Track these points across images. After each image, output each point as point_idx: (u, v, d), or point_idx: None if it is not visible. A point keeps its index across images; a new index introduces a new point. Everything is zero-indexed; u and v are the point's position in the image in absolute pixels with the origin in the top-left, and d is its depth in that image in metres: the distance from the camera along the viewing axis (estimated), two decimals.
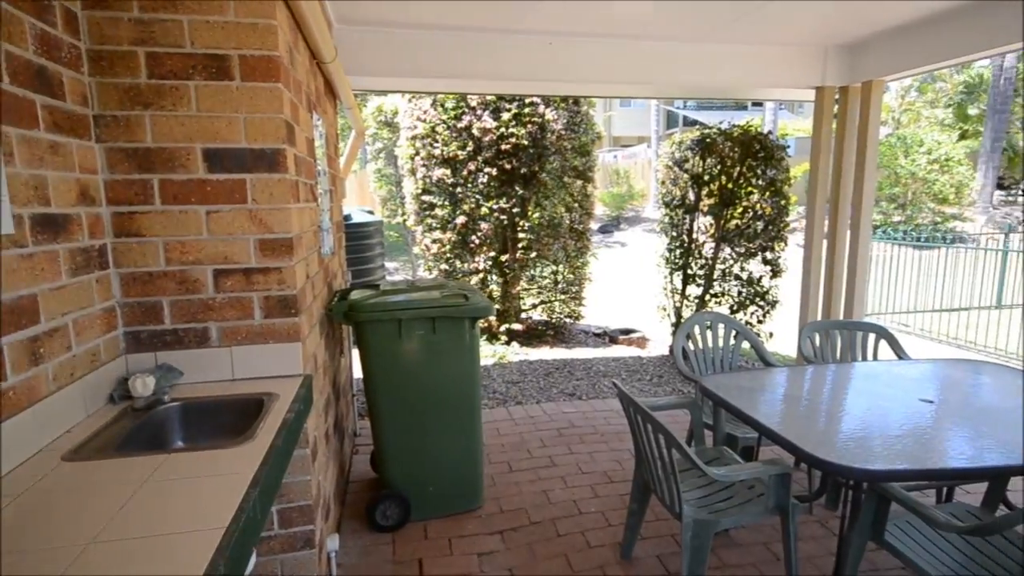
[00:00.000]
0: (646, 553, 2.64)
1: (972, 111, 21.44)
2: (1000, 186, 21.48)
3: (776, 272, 5.32)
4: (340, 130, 4.46)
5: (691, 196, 5.48)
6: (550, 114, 5.72)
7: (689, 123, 24.15)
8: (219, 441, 1.53)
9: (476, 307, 2.77)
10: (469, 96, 5.68)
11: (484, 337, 6.17)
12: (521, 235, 5.94)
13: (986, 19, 3.28)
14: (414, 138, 6.03)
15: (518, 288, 6.30)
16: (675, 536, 2.74)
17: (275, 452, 1.44)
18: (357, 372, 3.33)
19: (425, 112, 5.91)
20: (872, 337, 3.37)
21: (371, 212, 7.29)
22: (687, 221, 5.56)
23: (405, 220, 8.41)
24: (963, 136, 20.36)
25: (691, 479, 2.41)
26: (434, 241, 6.12)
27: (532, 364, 5.60)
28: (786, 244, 5.39)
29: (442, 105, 5.83)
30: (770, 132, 5.50)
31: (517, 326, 6.23)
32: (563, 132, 5.88)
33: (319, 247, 2.61)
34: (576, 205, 6.34)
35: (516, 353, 5.91)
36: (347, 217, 5.91)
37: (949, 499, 2.85)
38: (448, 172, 5.91)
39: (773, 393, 2.56)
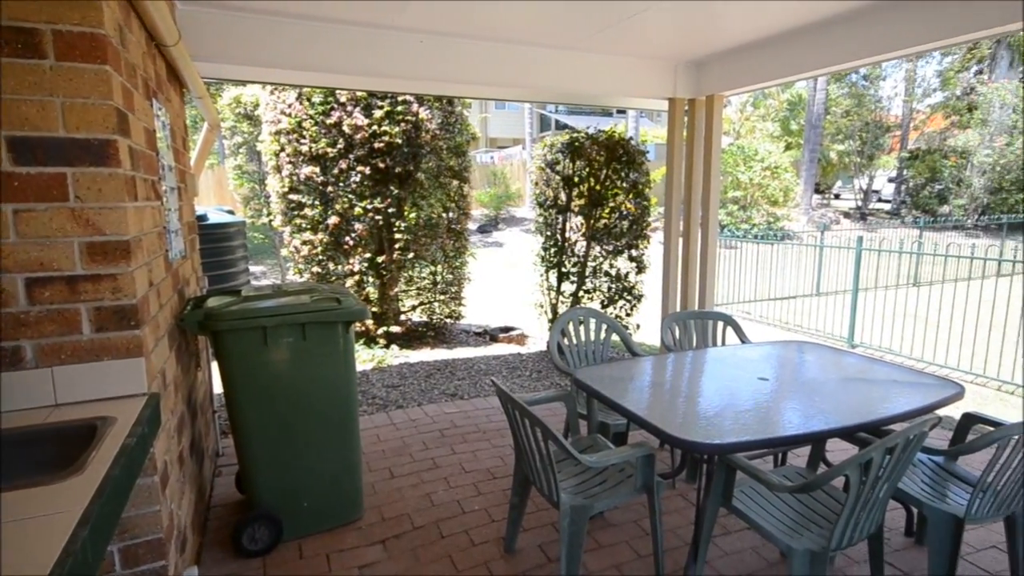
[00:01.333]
0: (528, 544, 2.71)
1: (794, 126, 24.80)
2: (817, 191, 25.04)
3: (641, 268, 5.74)
4: (192, 122, 4.04)
5: (563, 197, 5.73)
6: (424, 113, 5.66)
7: (561, 127, 25.30)
8: (39, 478, 1.31)
9: (350, 311, 2.66)
10: (338, 91, 5.44)
11: (361, 341, 5.95)
12: (398, 236, 5.82)
13: (805, 46, 3.79)
14: (278, 133, 5.65)
15: (396, 290, 6.16)
16: (555, 524, 2.85)
17: (112, 483, 1.27)
18: (218, 387, 3.05)
19: (290, 106, 5.56)
20: (721, 325, 3.76)
21: (231, 212, 6.72)
22: (560, 221, 5.80)
23: (271, 221, 7.85)
24: (788, 147, 23.48)
25: (568, 468, 2.52)
26: (304, 243, 5.78)
27: (413, 366, 5.51)
28: (649, 242, 5.83)
29: (308, 99, 5.52)
30: (631, 138, 5.91)
31: (396, 328, 6.09)
32: (438, 132, 5.85)
33: (165, 250, 2.34)
34: (453, 205, 6.34)
35: (396, 356, 5.78)
36: (202, 217, 5.38)
37: (784, 463, 3.26)
38: (317, 170, 5.61)
39: (640, 381, 2.75)
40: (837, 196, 28.96)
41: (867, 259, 7.21)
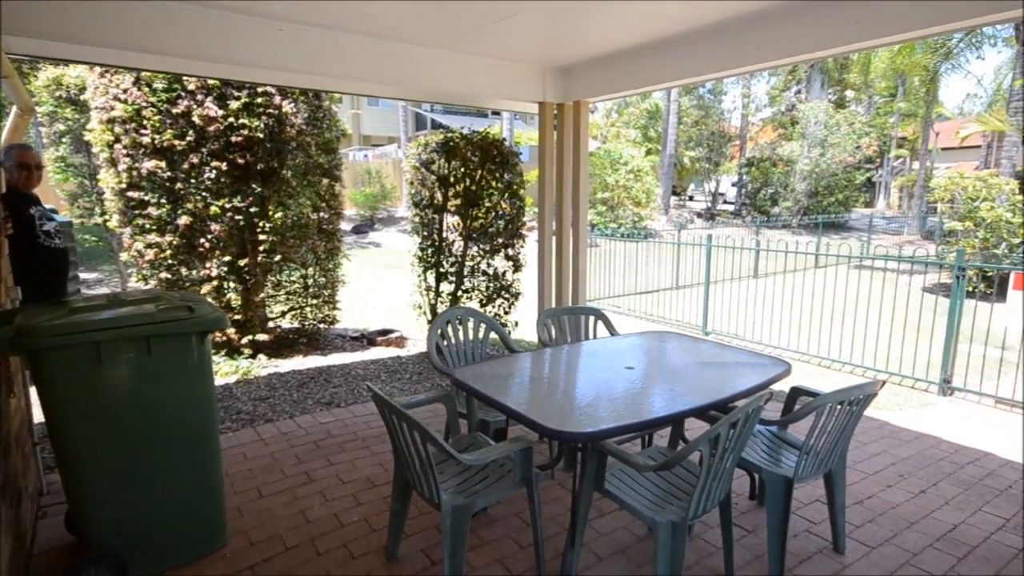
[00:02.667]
0: (412, 550, 2.66)
1: (652, 133, 26.93)
2: (674, 193, 27.43)
3: (518, 267, 5.88)
4: None
5: (439, 197, 5.70)
6: (288, 106, 5.31)
7: (436, 126, 25.12)
8: None
9: (204, 319, 2.42)
10: (185, 78, 4.92)
11: (222, 352, 5.45)
12: (262, 237, 5.40)
13: (661, 60, 4.12)
14: (111, 121, 4.97)
15: (262, 295, 5.73)
16: (439, 527, 2.82)
17: None
18: (39, 415, 2.61)
19: (126, 91, 4.92)
20: (592, 319, 3.97)
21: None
22: (437, 221, 5.77)
23: (107, 221, 6.91)
24: (648, 152, 25.42)
25: (449, 468, 2.51)
26: (149, 246, 5.15)
27: (283, 376, 5.16)
28: (524, 241, 6.00)
29: (148, 85, 4.94)
30: (505, 139, 6.04)
31: (263, 336, 5.66)
32: (305, 127, 5.52)
33: None
34: (324, 205, 6.04)
35: (264, 366, 5.38)
36: None
37: (650, 444, 3.52)
38: (163, 164, 5.03)
39: (517, 377, 2.82)
40: (691, 198, 31.98)
41: (716, 255, 8.03)
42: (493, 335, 3.64)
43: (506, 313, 5.88)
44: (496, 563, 2.58)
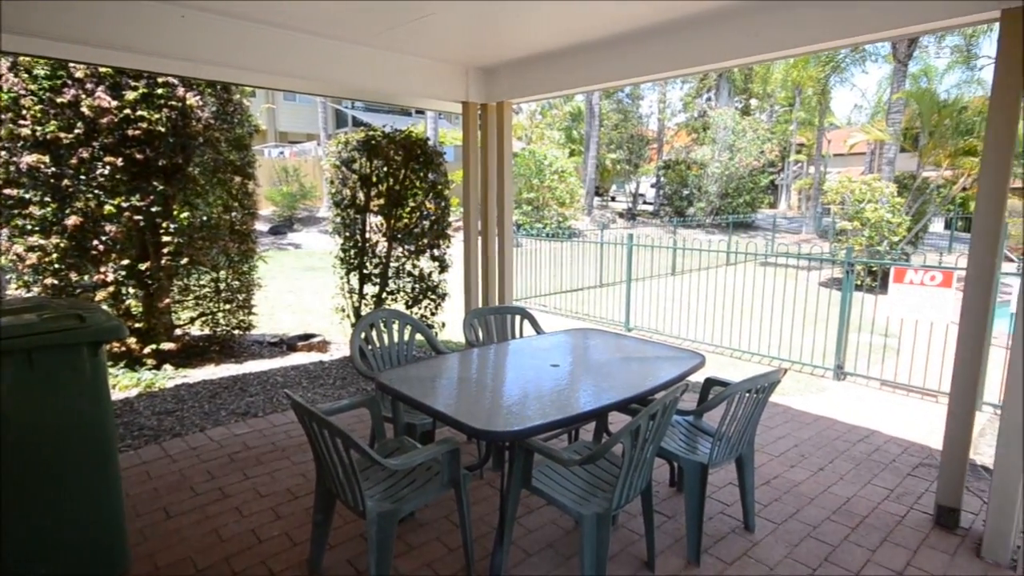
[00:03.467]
0: (336, 561, 2.57)
1: (575, 135, 27.60)
2: (597, 193, 28.24)
3: (444, 267, 5.83)
4: None
5: (361, 196, 5.54)
6: (193, 99, 4.96)
7: (358, 124, 24.44)
8: None
9: (98, 329, 2.21)
10: (71, 64, 4.48)
11: (121, 364, 5.02)
12: (166, 238, 5.02)
13: (582, 63, 4.21)
14: None
15: (167, 300, 5.32)
16: (365, 535, 2.74)
17: None
18: None
19: (1, 76, 4.42)
20: (518, 318, 4.00)
21: None
22: (359, 221, 5.60)
23: None
24: (572, 154, 26.02)
25: (375, 475, 2.44)
26: (31, 249, 4.65)
27: (193, 387, 4.82)
28: (450, 241, 5.95)
29: (28, 71, 4.46)
30: (429, 139, 5.96)
31: (170, 345, 5.26)
32: (213, 121, 5.19)
33: None
34: (237, 204, 5.70)
35: (170, 377, 5.00)
36: None
37: (576, 439, 3.60)
38: (47, 159, 4.56)
39: (443, 379, 2.79)
40: (613, 198, 33.06)
41: (636, 254, 8.34)
42: (419, 337, 3.59)
43: (432, 314, 5.81)
44: (424, 567, 2.55)
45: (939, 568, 2.58)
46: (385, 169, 5.43)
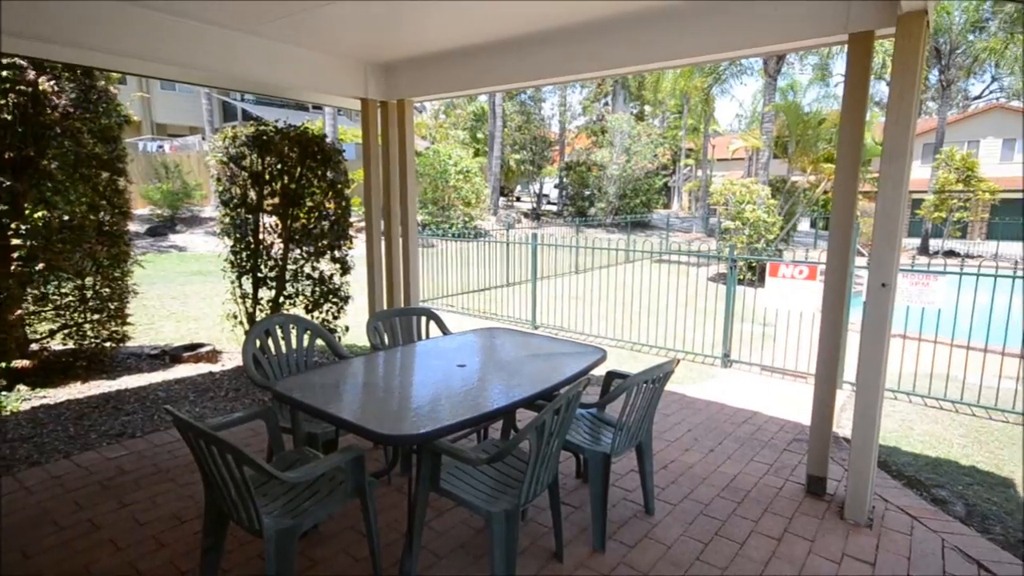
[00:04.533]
0: None
1: (480, 135, 27.75)
2: (502, 194, 28.56)
3: (346, 269, 5.61)
4: None
5: (252, 195, 5.19)
6: (47, 84, 4.40)
7: (249, 117, 22.94)
8: None
9: None
10: None
11: None
12: (16, 241, 4.40)
13: (484, 64, 4.22)
14: None
15: (19, 312, 4.68)
16: (263, 555, 2.57)
17: None
18: None
19: None
20: (424, 319, 3.95)
21: None
22: (251, 221, 5.25)
23: None
24: (477, 154, 26.13)
25: (273, 489, 2.30)
26: None
27: (55, 408, 4.28)
28: (352, 242, 5.74)
29: None
30: (327, 135, 5.72)
31: (23, 363, 4.63)
32: (72, 109, 4.63)
33: None
34: (105, 203, 5.12)
35: (25, 399, 4.40)
36: None
37: (486, 438, 3.61)
38: None
39: (346, 385, 2.68)
40: (518, 199, 33.61)
41: (541, 253, 8.53)
42: (320, 342, 3.43)
43: (335, 318, 5.58)
44: None
45: (810, 532, 2.87)
46: (279, 166, 5.13)
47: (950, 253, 20.81)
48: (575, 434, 2.87)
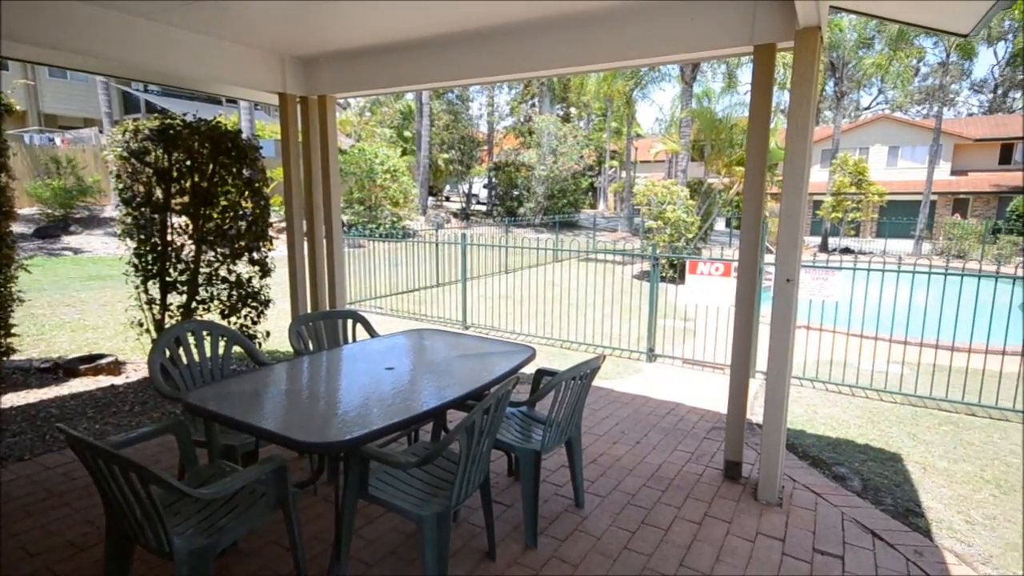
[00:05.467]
0: None
1: (408, 133, 27.33)
2: (431, 193, 28.27)
3: (265, 271, 5.34)
4: None
5: (159, 193, 4.83)
6: None
7: (154, 110, 21.35)
8: None
9: None
10: None
11: None
12: None
13: (408, 60, 4.15)
14: None
15: None
16: None
17: None
18: None
19: None
20: (350, 322, 3.83)
21: None
22: (158, 221, 4.88)
23: None
24: (404, 152, 25.71)
25: (186, 508, 2.15)
26: None
27: None
28: (273, 243, 5.47)
29: None
30: (240, 131, 5.41)
31: None
32: None
33: None
34: None
35: None
36: None
37: (417, 440, 3.56)
38: None
39: (267, 393, 2.56)
40: (448, 198, 33.37)
41: (472, 253, 8.52)
42: (238, 349, 3.25)
43: (254, 323, 5.30)
44: None
45: (728, 514, 3.04)
46: (189, 163, 4.80)
47: (846, 250, 22.74)
48: (506, 432, 2.88)
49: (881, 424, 4.57)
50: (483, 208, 29.53)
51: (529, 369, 3.25)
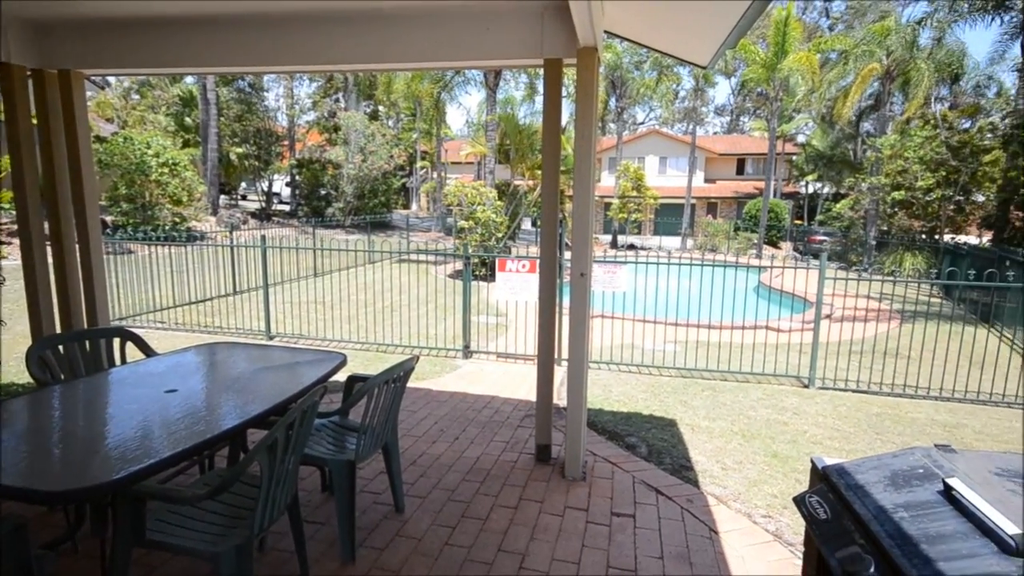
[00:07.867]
0: None
1: (190, 121, 24.09)
2: (224, 191, 25.34)
3: None
4: None
5: None
6: None
7: None
8: None
9: None
10: None
11: None
12: None
13: (173, 38, 3.62)
14: None
15: None
16: None
17: None
18: None
19: None
20: (117, 341, 3.24)
21: None
22: None
23: None
24: (187, 144, 22.61)
25: None
26: None
27: None
28: (1, 250, 4.38)
29: None
30: None
31: None
32: None
33: None
34: None
35: None
36: None
37: (212, 468, 3.15)
38: None
39: (3, 434, 2.03)
40: (244, 197, 30.24)
41: (273, 256, 7.83)
42: None
43: None
44: None
45: (540, 495, 3.27)
46: None
47: (631, 247, 26.04)
48: (316, 446, 2.71)
49: (661, 395, 5.31)
50: (287, 208, 27.40)
51: (341, 376, 3.09)
